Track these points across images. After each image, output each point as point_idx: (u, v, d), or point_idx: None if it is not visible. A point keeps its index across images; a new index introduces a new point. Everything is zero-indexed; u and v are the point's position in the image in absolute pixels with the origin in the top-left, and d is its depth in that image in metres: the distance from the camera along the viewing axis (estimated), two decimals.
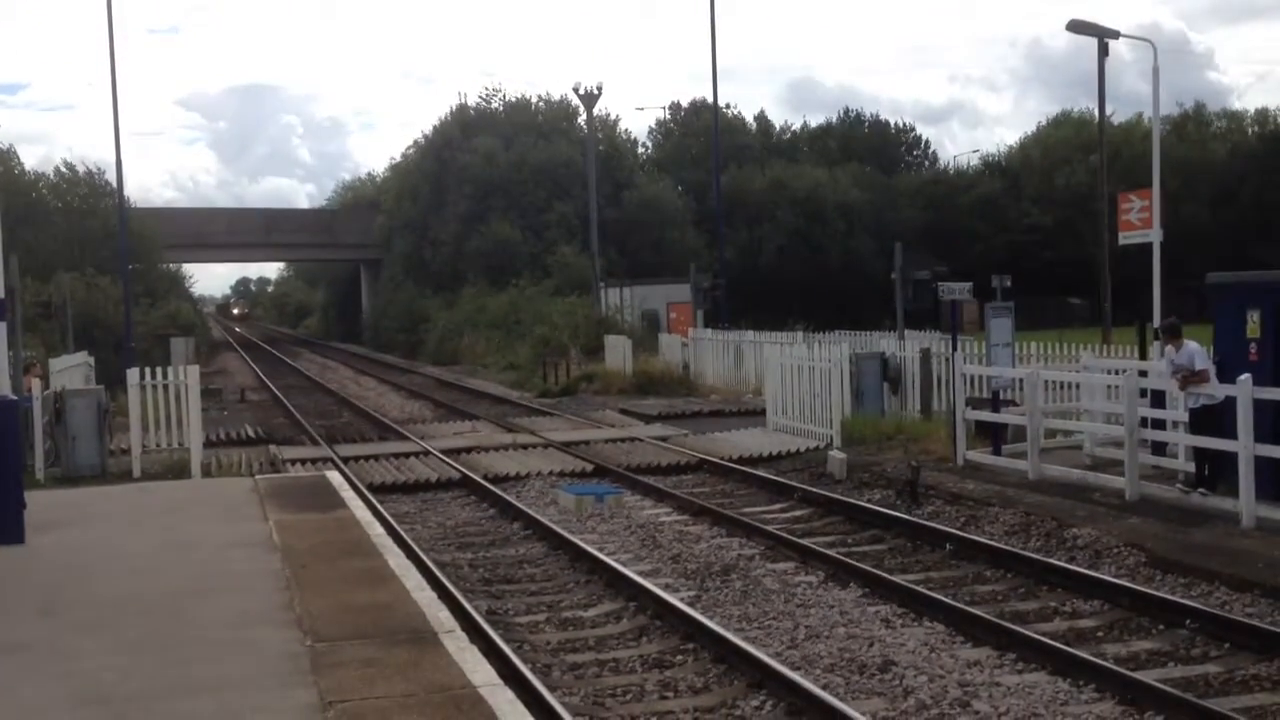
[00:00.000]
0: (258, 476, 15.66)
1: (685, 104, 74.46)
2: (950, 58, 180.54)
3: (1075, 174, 63.36)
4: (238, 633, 7.62)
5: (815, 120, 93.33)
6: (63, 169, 51.96)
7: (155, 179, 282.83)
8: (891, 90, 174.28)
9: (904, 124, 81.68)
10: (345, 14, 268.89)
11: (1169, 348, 13.45)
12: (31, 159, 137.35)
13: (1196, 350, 13.09)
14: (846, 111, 79.71)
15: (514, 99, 62.04)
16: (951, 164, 78.87)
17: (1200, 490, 12.74)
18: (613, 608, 10.41)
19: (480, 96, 62.95)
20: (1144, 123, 62.47)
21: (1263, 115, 70.24)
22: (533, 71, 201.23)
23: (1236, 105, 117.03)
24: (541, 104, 61.54)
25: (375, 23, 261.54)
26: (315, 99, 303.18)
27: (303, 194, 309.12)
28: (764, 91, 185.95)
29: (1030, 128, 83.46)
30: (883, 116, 79.94)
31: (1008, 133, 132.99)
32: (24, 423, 14.05)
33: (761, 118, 77.92)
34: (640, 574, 11.10)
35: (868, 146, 75.27)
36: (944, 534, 12.49)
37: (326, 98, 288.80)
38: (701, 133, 67.21)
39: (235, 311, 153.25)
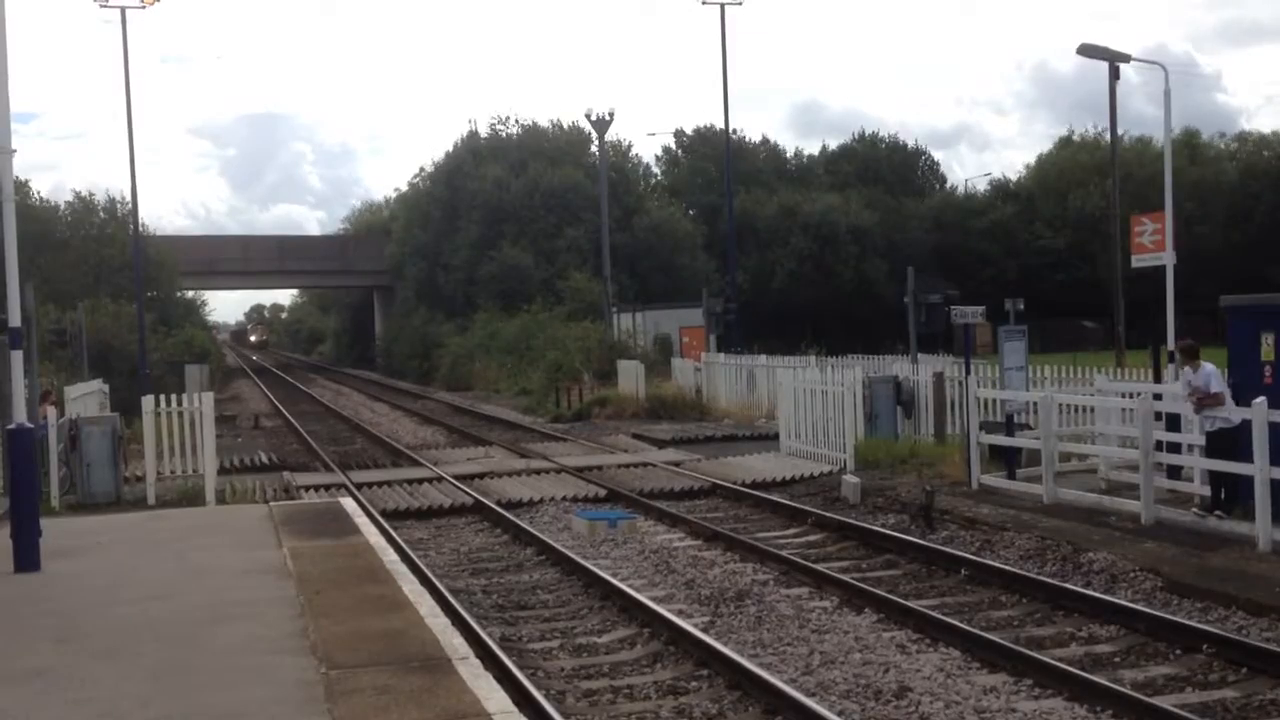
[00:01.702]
0: (272, 503, 15.69)
1: (694, 129, 74.77)
2: (957, 81, 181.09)
3: (1090, 197, 63.31)
4: (252, 660, 7.64)
5: (822, 144, 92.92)
6: (80, 197, 52.39)
7: (167, 206, 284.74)
8: (898, 114, 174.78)
9: (920, 146, 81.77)
10: (355, 40, 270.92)
11: (1186, 369, 13.43)
12: (43, 188, 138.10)
13: (1213, 372, 13.06)
14: (863, 134, 79.75)
15: (525, 124, 62.54)
16: (962, 187, 78.95)
17: (1216, 514, 12.69)
18: (626, 634, 10.39)
19: (491, 124, 63.51)
20: (1156, 145, 62.47)
21: (1276, 138, 70.15)
22: (543, 97, 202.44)
23: (1246, 127, 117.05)
24: (558, 131, 61.91)
25: (385, 49, 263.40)
26: (325, 125, 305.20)
27: (314, 220, 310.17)
28: (770, 115, 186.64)
29: (1038, 150, 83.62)
30: (900, 139, 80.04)
31: (1016, 155, 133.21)
32: (39, 450, 14.10)
33: (771, 144, 78.13)
34: (654, 600, 11.09)
35: (888, 169, 75.18)
36: (959, 559, 12.44)
37: (336, 124, 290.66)
38: (711, 157, 67.41)
39: (253, 338, 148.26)
